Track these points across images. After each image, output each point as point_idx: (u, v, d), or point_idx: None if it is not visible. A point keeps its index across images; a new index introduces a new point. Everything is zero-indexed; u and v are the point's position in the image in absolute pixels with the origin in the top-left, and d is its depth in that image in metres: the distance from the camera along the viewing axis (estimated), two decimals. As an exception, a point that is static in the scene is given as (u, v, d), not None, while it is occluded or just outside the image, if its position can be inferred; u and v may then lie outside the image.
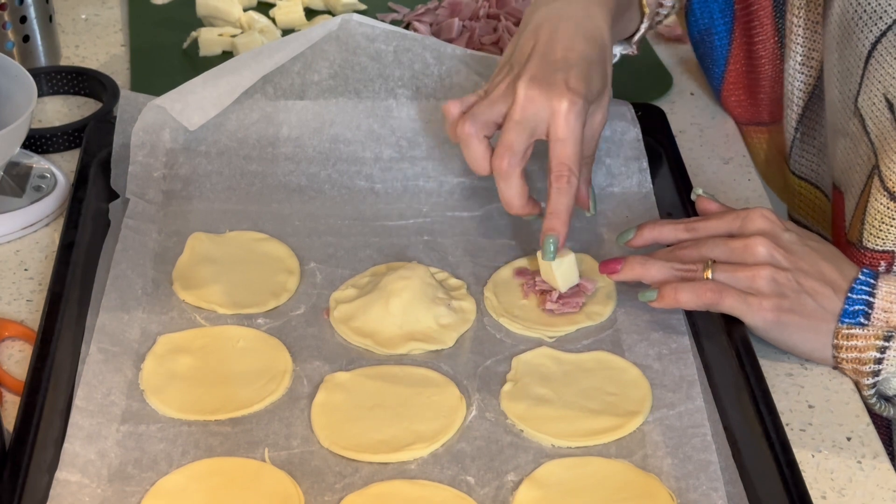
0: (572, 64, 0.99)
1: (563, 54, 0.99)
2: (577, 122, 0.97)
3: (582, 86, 0.98)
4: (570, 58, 0.99)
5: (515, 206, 1.00)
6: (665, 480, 0.88)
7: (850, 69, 1.00)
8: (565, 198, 0.98)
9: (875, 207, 0.98)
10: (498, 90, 1.00)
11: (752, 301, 0.95)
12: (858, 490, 0.89)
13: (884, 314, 0.94)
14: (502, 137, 0.99)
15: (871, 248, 1.00)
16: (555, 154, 0.98)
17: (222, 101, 1.13)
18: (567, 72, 0.98)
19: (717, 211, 1.03)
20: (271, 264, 1.07)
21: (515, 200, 1.00)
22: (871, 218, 0.99)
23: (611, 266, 1.00)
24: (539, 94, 0.98)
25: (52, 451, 0.87)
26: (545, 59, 0.99)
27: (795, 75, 1.11)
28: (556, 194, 0.98)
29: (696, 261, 0.97)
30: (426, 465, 0.89)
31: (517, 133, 0.98)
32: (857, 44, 0.98)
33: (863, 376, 0.95)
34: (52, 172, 1.17)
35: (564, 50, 1.00)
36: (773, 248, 0.96)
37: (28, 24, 1.31)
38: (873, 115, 0.98)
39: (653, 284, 0.98)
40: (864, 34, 0.98)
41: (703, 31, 1.22)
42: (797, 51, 1.10)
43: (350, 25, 1.15)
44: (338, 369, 0.97)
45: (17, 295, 1.06)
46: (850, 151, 1.03)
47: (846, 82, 1.01)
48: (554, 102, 0.97)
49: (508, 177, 0.99)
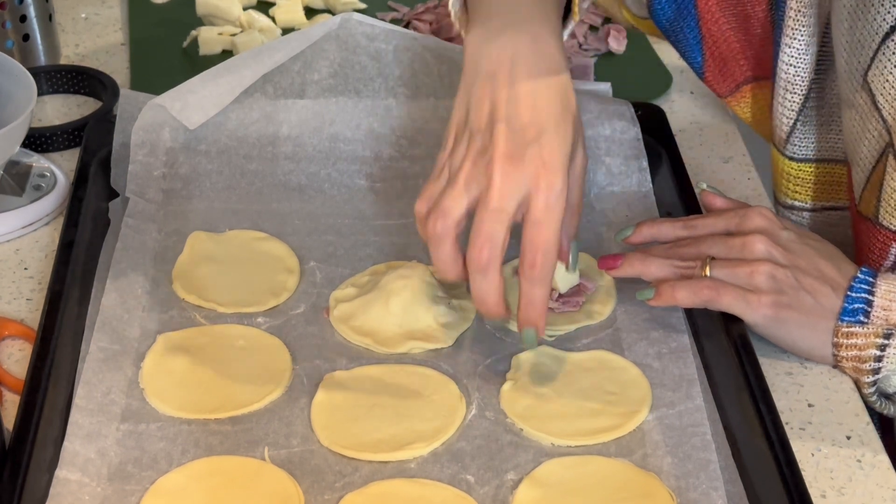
0: (543, 129, 0.89)
1: (531, 117, 0.90)
2: (556, 202, 0.88)
3: (558, 156, 0.89)
4: (538, 121, 0.90)
5: (491, 304, 0.90)
6: (665, 479, 0.88)
7: (863, 42, 0.98)
8: (539, 288, 0.89)
9: (892, 186, 0.97)
10: (464, 171, 0.90)
11: (750, 298, 0.95)
12: (858, 489, 0.89)
13: (883, 312, 0.94)
14: (479, 227, 0.88)
15: (886, 227, 0.99)
16: (529, 237, 0.89)
17: (222, 100, 1.13)
18: (539, 142, 0.89)
19: (723, 206, 1.02)
20: (271, 263, 1.07)
21: (492, 297, 0.90)
22: (887, 197, 0.98)
23: (610, 262, 0.99)
24: (514, 175, 0.88)
25: (51, 450, 0.87)
26: (511, 127, 0.89)
27: (801, 58, 1.06)
28: (528, 284, 0.89)
29: (694, 258, 0.97)
30: (426, 463, 0.89)
31: (496, 222, 0.88)
32: (876, 17, 0.96)
33: (863, 374, 0.95)
34: (52, 171, 1.17)
35: (530, 110, 0.90)
36: (772, 245, 0.96)
37: (28, 23, 1.31)
38: (886, 92, 0.97)
39: (651, 282, 0.98)
40: (886, 9, 0.95)
41: (672, 18, 1.13)
42: (802, 32, 1.05)
43: (350, 24, 1.16)
44: (338, 368, 0.97)
45: (17, 294, 1.06)
46: (857, 124, 1.01)
47: (855, 54, 1.00)
48: (531, 184, 0.88)
49: (487, 271, 0.89)
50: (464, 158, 0.90)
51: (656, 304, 0.97)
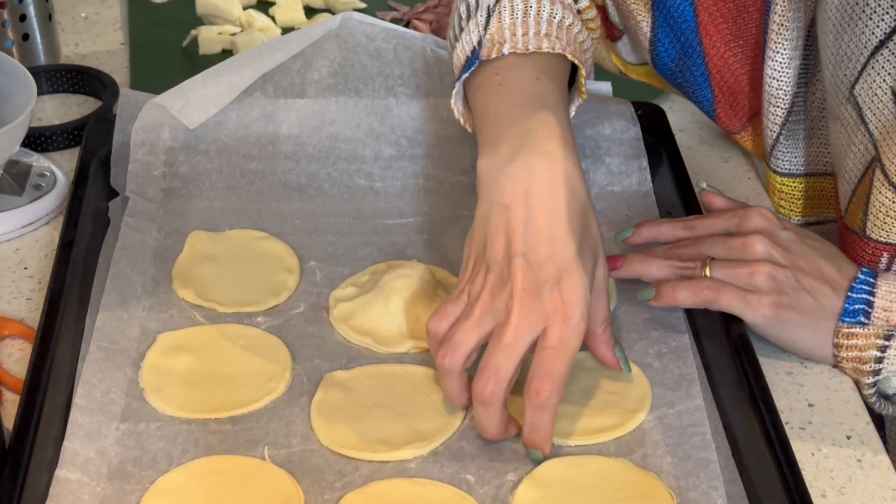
0: (561, 265, 0.88)
1: (549, 252, 0.88)
2: (572, 334, 0.87)
3: (578, 293, 0.87)
4: (556, 256, 0.88)
5: (491, 434, 0.89)
6: (665, 479, 0.88)
7: (849, 55, 0.98)
8: (544, 415, 0.87)
9: (879, 201, 0.98)
10: (481, 303, 0.89)
11: (750, 298, 0.95)
12: (858, 489, 0.89)
13: (884, 313, 0.94)
14: (488, 360, 0.87)
15: (874, 239, 1.00)
16: (539, 363, 0.87)
17: (222, 100, 1.13)
18: (558, 279, 0.87)
19: (722, 206, 1.02)
20: (271, 263, 1.07)
21: (493, 428, 0.89)
22: (875, 210, 0.99)
23: (610, 262, 0.98)
24: (532, 313, 0.87)
25: (51, 450, 0.87)
26: (529, 262, 0.88)
27: (784, 70, 1.07)
28: (532, 410, 0.87)
29: (694, 259, 0.97)
30: (426, 463, 0.89)
31: (506, 358, 0.87)
32: (864, 31, 0.96)
33: (863, 375, 0.95)
34: (52, 171, 1.17)
35: (547, 245, 0.88)
36: (772, 245, 0.96)
37: (28, 22, 1.31)
38: (874, 106, 0.97)
39: (651, 283, 0.98)
40: (875, 23, 0.96)
41: (677, 60, 1.13)
42: (785, 45, 1.05)
43: (350, 24, 1.16)
44: (337, 368, 0.97)
45: (17, 294, 1.06)
46: (843, 137, 1.02)
47: (841, 67, 1.00)
48: (548, 319, 0.87)
49: (489, 404, 0.87)
50: (482, 289, 0.89)
51: (657, 305, 0.97)
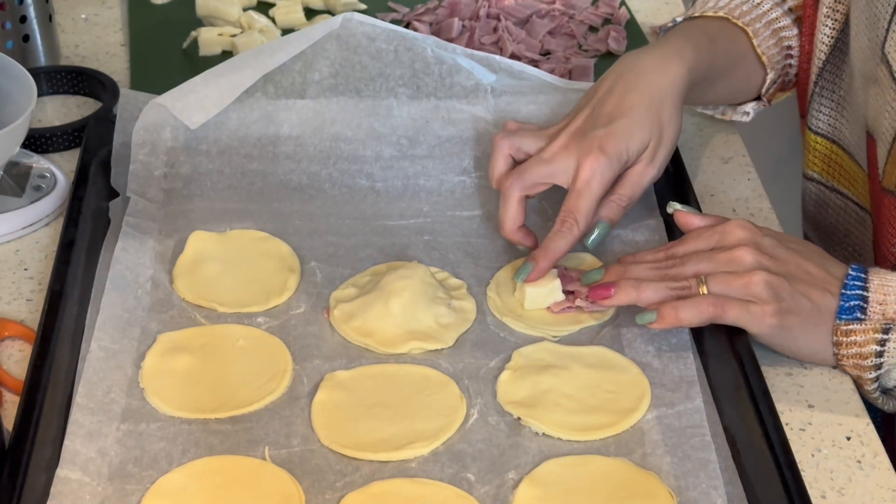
0: (615, 119, 1.04)
1: (611, 108, 1.04)
2: (596, 179, 1.02)
3: (614, 146, 1.03)
4: (615, 113, 1.04)
5: (506, 228, 1.05)
6: (664, 479, 0.88)
7: (878, 15, 1.00)
8: (561, 241, 1.02)
9: None
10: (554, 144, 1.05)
11: (754, 309, 0.94)
12: (858, 489, 0.89)
13: (879, 307, 0.94)
14: (522, 166, 1.05)
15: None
16: (568, 201, 1.03)
17: (223, 100, 1.13)
18: (606, 128, 1.03)
19: (700, 223, 1.01)
20: (272, 263, 1.07)
21: (507, 223, 1.05)
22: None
23: (602, 291, 0.97)
24: (571, 147, 1.03)
25: (51, 450, 0.87)
26: (593, 112, 1.05)
27: (820, 27, 1.10)
28: (553, 234, 1.03)
29: (686, 277, 0.97)
30: (426, 463, 0.89)
31: (536, 168, 1.04)
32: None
33: (865, 371, 0.95)
34: (52, 172, 1.17)
35: (614, 104, 1.05)
36: (759, 254, 0.96)
37: (28, 23, 1.31)
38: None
39: (648, 306, 0.97)
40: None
41: None
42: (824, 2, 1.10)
43: (351, 24, 1.16)
44: (338, 368, 0.97)
45: (17, 294, 1.06)
46: (879, 98, 1.02)
47: (874, 28, 1.01)
48: (581, 158, 1.03)
49: (507, 197, 1.04)
50: (559, 130, 1.06)
51: (660, 327, 0.96)
